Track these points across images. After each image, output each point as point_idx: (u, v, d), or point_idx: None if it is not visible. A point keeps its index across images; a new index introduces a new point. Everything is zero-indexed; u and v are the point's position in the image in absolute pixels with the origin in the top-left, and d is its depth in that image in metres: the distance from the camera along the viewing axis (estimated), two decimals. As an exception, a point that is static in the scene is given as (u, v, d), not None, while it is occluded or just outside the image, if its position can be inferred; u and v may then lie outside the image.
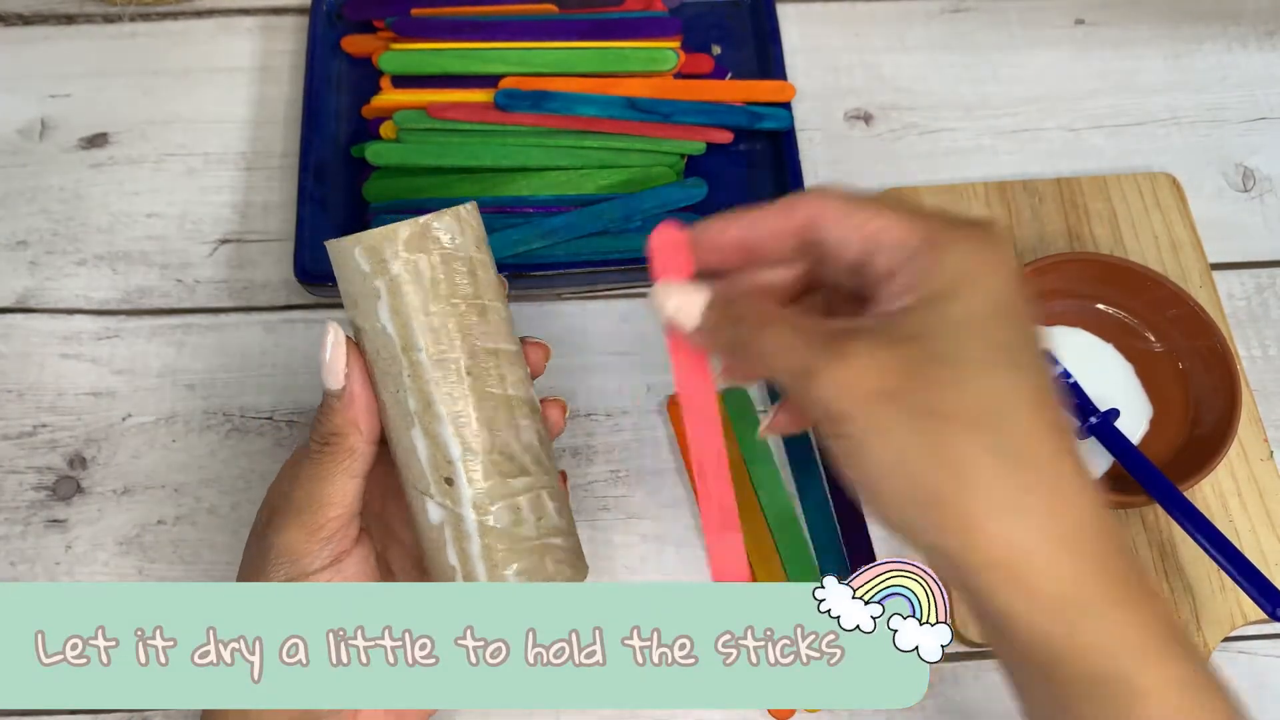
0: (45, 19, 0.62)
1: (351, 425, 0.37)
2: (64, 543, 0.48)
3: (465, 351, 0.36)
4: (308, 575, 0.36)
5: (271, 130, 0.59)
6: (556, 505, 0.38)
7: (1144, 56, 0.62)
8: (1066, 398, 0.49)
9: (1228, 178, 0.58)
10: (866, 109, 0.60)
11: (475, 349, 0.36)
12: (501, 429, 0.37)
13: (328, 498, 0.37)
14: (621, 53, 0.57)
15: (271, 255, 0.55)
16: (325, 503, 0.37)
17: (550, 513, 0.38)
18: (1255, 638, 0.47)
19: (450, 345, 0.36)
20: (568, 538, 0.38)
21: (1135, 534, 0.48)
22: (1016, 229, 0.55)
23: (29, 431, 0.51)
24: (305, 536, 0.36)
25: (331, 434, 0.37)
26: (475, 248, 0.38)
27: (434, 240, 0.36)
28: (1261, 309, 0.55)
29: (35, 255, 0.55)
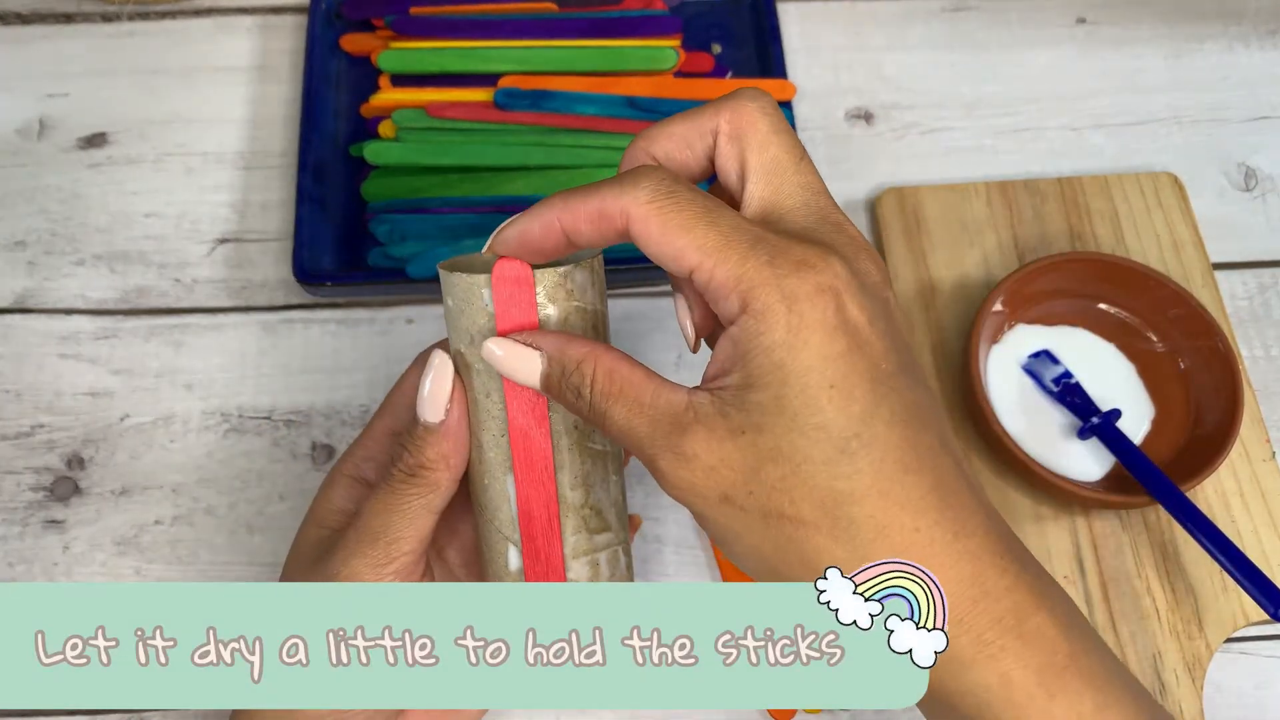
0: (44, 18, 0.62)
1: (443, 461, 0.35)
2: (62, 543, 0.48)
3: None
4: None
5: (270, 129, 0.59)
6: (627, 560, 0.38)
7: (1145, 55, 0.62)
8: (1068, 397, 0.49)
9: (1229, 177, 0.58)
10: (867, 108, 0.60)
11: None
12: (596, 485, 0.36)
13: (403, 532, 0.35)
14: (621, 51, 0.57)
15: (270, 255, 0.55)
16: (399, 537, 0.35)
17: (622, 568, 0.37)
18: (1258, 638, 0.47)
19: None
20: None
21: (1136, 534, 0.48)
22: (1018, 228, 0.55)
23: (27, 432, 0.51)
24: (372, 570, 0.35)
25: (420, 466, 0.35)
26: (600, 300, 0.36)
27: (567, 291, 0.34)
28: (1264, 309, 0.55)
29: (34, 255, 0.55)
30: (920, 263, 0.54)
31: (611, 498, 0.37)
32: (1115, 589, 0.47)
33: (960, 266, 0.54)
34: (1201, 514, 0.44)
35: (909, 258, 0.54)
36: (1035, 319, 0.51)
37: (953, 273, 0.54)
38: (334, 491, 0.39)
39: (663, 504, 0.49)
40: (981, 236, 0.55)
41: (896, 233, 0.55)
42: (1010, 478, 0.49)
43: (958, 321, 0.52)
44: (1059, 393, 0.49)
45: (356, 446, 0.40)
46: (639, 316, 0.54)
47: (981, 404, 0.47)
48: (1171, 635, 0.46)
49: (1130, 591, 0.47)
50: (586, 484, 0.36)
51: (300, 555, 0.38)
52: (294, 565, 0.38)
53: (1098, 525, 0.48)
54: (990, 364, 0.50)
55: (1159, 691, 0.45)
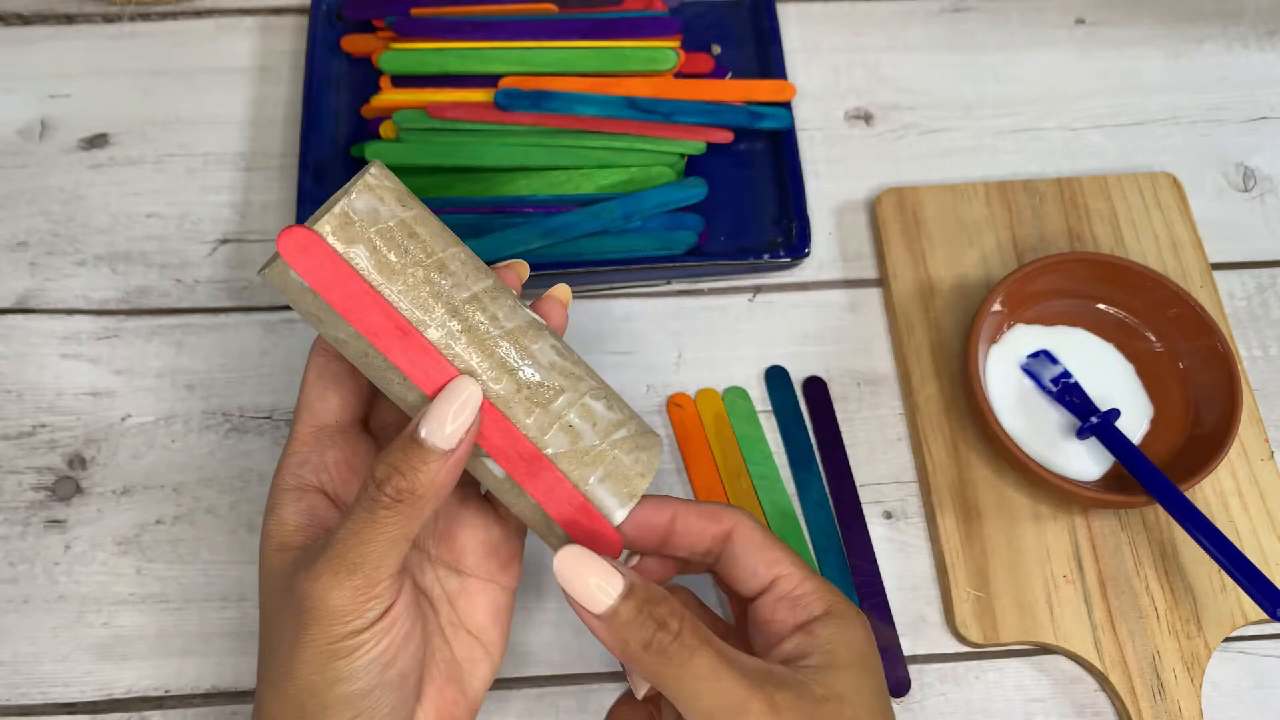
0: (45, 19, 0.62)
1: (437, 489, 0.33)
2: (63, 543, 0.48)
3: (448, 314, 0.34)
4: (357, 634, 0.33)
5: (271, 130, 0.59)
6: (604, 402, 0.37)
7: (1144, 56, 0.62)
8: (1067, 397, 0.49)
9: (1228, 177, 0.58)
10: (866, 108, 0.60)
11: (455, 306, 0.34)
12: (517, 367, 0.35)
13: (385, 559, 0.33)
14: (621, 52, 0.57)
15: (270, 255, 0.55)
16: (381, 564, 0.33)
17: (600, 412, 0.36)
18: (1256, 638, 0.47)
19: (429, 316, 0.34)
20: (627, 423, 0.37)
21: (1135, 534, 0.48)
22: (1016, 228, 0.55)
23: (28, 431, 0.51)
24: (355, 603, 0.33)
25: (411, 492, 0.33)
26: (401, 206, 0.34)
27: (358, 224, 0.33)
28: (1262, 309, 0.55)
29: (35, 256, 0.55)
30: (919, 263, 0.54)
31: (544, 363, 0.36)
32: (1114, 588, 0.47)
33: (959, 266, 0.54)
34: (1200, 513, 0.44)
35: (908, 258, 0.54)
36: (1034, 319, 0.51)
37: (952, 273, 0.54)
38: (283, 511, 0.36)
39: (662, 504, 0.49)
40: (980, 236, 0.55)
41: (896, 233, 0.55)
42: (1009, 477, 0.49)
43: (957, 321, 0.53)
44: (1058, 392, 0.49)
45: (288, 456, 0.37)
46: (639, 316, 0.54)
47: (980, 404, 0.47)
48: (1170, 634, 0.46)
49: (1129, 591, 0.47)
50: (507, 370, 0.35)
51: (273, 585, 0.36)
52: (270, 595, 0.36)
53: (1096, 524, 0.48)
54: (989, 364, 0.50)
55: (1158, 691, 0.45)
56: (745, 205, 0.56)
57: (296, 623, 0.33)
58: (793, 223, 0.54)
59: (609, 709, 0.42)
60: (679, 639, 0.33)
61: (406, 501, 0.33)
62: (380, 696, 0.34)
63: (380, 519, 0.33)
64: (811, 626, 0.37)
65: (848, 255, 0.56)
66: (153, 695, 0.46)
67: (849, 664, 0.36)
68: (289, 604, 0.34)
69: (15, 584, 0.48)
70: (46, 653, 0.46)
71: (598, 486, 0.36)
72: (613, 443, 0.36)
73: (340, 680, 0.33)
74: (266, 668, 0.35)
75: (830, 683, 0.35)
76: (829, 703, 0.35)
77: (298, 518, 0.36)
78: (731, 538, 0.38)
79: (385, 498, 0.33)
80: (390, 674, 0.35)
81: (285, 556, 0.35)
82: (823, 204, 0.57)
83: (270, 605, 0.36)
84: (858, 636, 0.37)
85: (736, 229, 0.55)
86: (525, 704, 0.46)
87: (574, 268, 0.52)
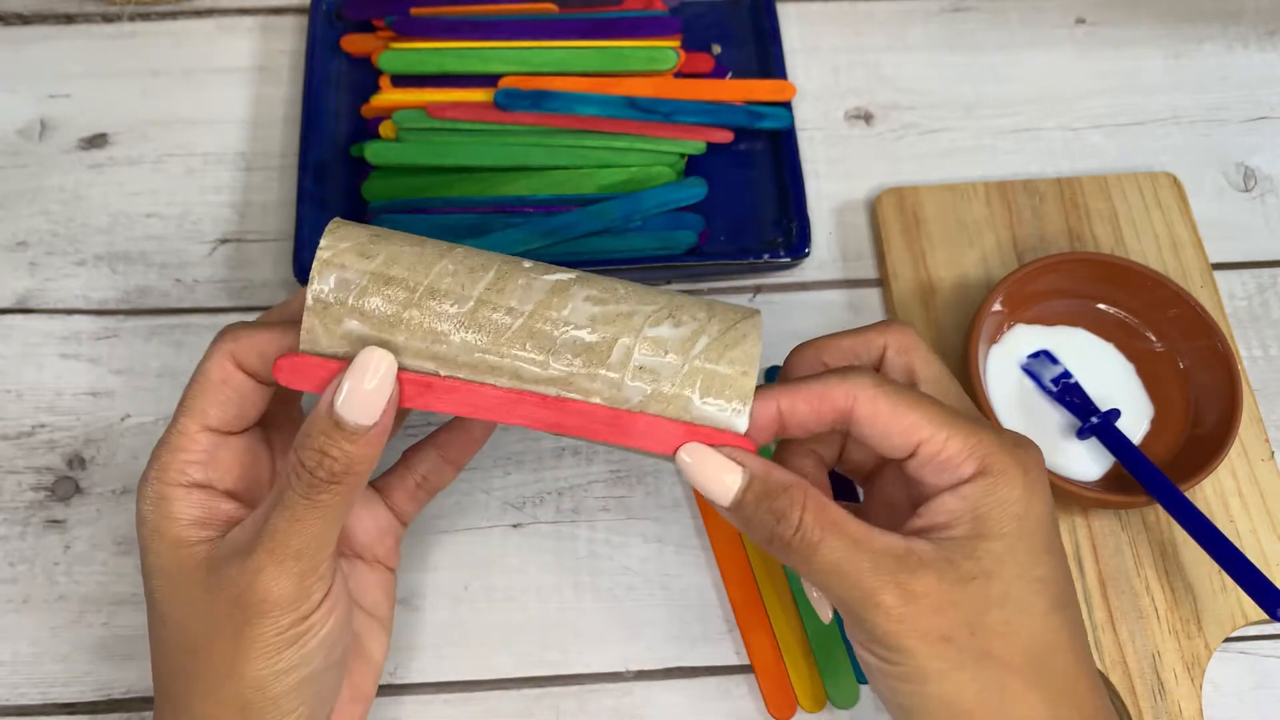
0: (44, 18, 0.62)
1: (368, 462, 0.33)
2: (63, 543, 0.48)
3: (462, 329, 0.33)
4: (305, 619, 0.33)
5: (271, 130, 0.59)
6: (669, 322, 0.34)
7: (1144, 56, 0.62)
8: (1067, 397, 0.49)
9: (1228, 177, 0.58)
10: (866, 108, 0.60)
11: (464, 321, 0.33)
12: (554, 343, 0.33)
13: (325, 539, 0.33)
14: (621, 52, 0.57)
15: (270, 255, 0.55)
16: (323, 545, 0.33)
17: (668, 336, 0.34)
18: (1257, 638, 0.47)
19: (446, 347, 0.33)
20: (706, 328, 0.34)
21: (1136, 534, 0.48)
22: (1017, 228, 0.55)
23: (28, 431, 0.51)
24: (302, 582, 0.33)
25: (345, 473, 0.33)
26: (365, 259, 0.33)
27: (335, 304, 0.33)
28: (1262, 309, 0.55)
29: (35, 256, 0.55)
30: (919, 263, 0.54)
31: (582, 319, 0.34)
32: (1114, 588, 0.47)
33: (959, 266, 0.54)
34: (1200, 514, 0.44)
35: (908, 258, 0.54)
36: (1034, 319, 0.51)
37: (952, 273, 0.54)
38: (173, 507, 0.34)
39: (662, 504, 0.49)
40: (980, 236, 0.55)
41: (896, 233, 0.55)
42: (1009, 477, 0.49)
43: (957, 321, 0.53)
44: (1058, 393, 0.49)
45: (176, 452, 0.35)
46: (639, 316, 0.54)
47: (981, 404, 0.47)
48: (1170, 634, 0.46)
49: (1129, 591, 0.47)
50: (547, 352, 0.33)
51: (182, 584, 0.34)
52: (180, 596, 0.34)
53: (1097, 524, 0.48)
54: (989, 364, 0.50)
55: (1158, 691, 0.45)
56: (745, 205, 0.56)
57: (236, 619, 0.33)
58: (793, 223, 0.54)
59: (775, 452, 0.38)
60: (800, 532, 0.32)
61: (341, 481, 0.33)
62: (329, 676, 0.35)
63: (318, 503, 0.32)
64: (961, 489, 0.33)
65: (848, 255, 0.56)
66: (152, 695, 0.46)
67: (1000, 532, 0.32)
68: (215, 602, 0.33)
69: (15, 584, 0.48)
70: (46, 653, 0.46)
71: (701, 408, 0.34)
72: (697, 357, 0.34)
73: (293, 669, 0.33)
74: (191, 674, 0.34)
75: (979, 556, 0.32)
76: (975, 580, 0.32)
77: (192, 511, 0.35)
78: (855, 415, 0.34)
79: (320, 481, 0.32)
80: (336, 652, 0.35)
81: (188, 553, 0.34)
82: (823, 204, 0.57)
83: (184, 607, 0.34)
84: (1013, 495, 0.33)
85: (736, 229, 0.55)
86: (525, 704, 0.46)
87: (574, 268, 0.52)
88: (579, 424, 0.34)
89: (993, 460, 0.33)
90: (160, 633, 0.35)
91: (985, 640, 0.32)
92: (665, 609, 0.47)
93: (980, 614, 0.32)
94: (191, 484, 0.35)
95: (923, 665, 0.32)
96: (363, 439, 0.32)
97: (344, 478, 0.33)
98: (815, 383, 0.34)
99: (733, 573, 0.47)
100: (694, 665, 0.46)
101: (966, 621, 0.32)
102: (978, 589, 0.32)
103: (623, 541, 0.49)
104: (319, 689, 0.35)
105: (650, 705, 0.46)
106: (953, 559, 0.32)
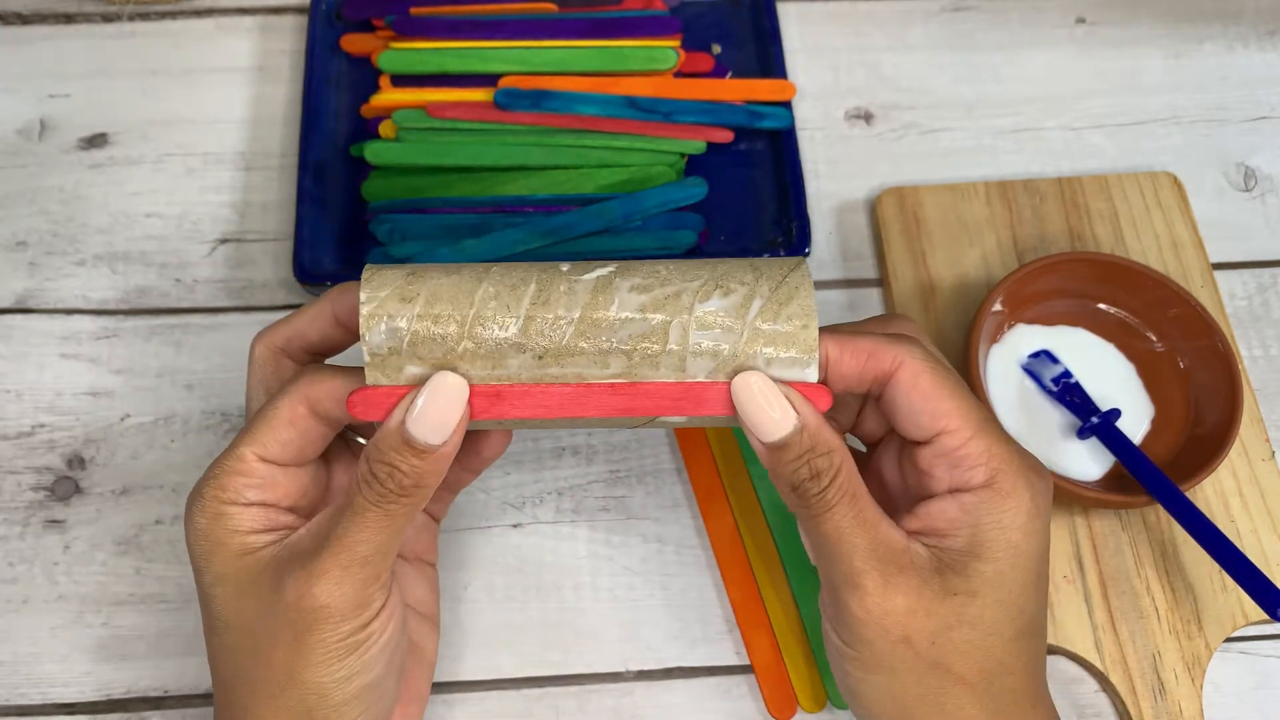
0: (44, 18, 0.62)
1: (439, 477, 0.34)
2: (62, 543, 0.48)
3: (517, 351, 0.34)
4: (366, 626, 0.34)
5: (270, 130, 0.59)
6: (718, 294, 0.34)
7: (1145, 56, 0.62)
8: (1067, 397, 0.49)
9: (1229, 177, 0.58)
10: (867, 108, 0.60)
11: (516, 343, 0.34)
12: (610, 341, 0.33)
13: (391, 548, 0.34)
14: (621, 51, 0.57)
15: (270, 255, 0.55)
16: (387, 553, 0.34)
17: (719, 306, 0.33)
18: (1257, 638, 0.47)
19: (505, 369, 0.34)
20: (757, 289, 0.34)
21: (1136, 534, 0.48)
22: (1017, 228, 0.55)
23: (27, 432, 0.51)
24: (363, 590, 0.34)
25: (415, 486, 0.33)
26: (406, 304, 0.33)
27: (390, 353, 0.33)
28: (1263, 308, 0.55)
29: (35, 256, 0.55)
30: (920, 263, 0.54)
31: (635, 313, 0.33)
32: (1114, 588, 0.47)
33: (960, 266, 0.54)
34: (1200, 513, 0.44)
35: (908, 258, 0.54)
36: (1035, 319, 0.51)
37: (952, 273, 0.54)
38: (234, 520, 0.35)
39: (662, 504, 0.49)
40: (981, 236, 0.55)
41: (896, 233, 0.55)
42: (1010, 477, 0.49)
43: (957, 321, 0.53)
44: (1058, 392, 0.49)
45: (233, 475, 0.35)
46: (639, 316, 0.54)
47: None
48: (1171, 635, 0.46)
49: (1130, 591, 0.47)
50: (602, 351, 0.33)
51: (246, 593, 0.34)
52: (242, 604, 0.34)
53: (1097, 525, 0.48)
54: (990, 364, 0.50)
55: (1159, 691, 0.45)
56: (745, 205, 0.56)
57: (297, 625, 0.33)
58: (793, 222, 0.54)
59: None
60: (822, 495, 0.32)
61: (409, 494, 0.33)
62: (389, 680, 0.35)
63: (388, 512, 0.33)
64: (964, 497, 0.33)
65: (848, 255, 0.56)
66: (152, 695, 0.46)
67: (994, 556, 0.32)
68: (277, 608, 0.33)
69: (14, 584, 0.48)
70: (46, 653, 0.46)
71: (769, 368, 0.33)
72: (754, 321, 0.34)
73: (354, 675, 0.34)
74: (253, 680, 0.34)
75: (969, 575, 0.32)
76: (956, 597, 0.32)
77: (253, 523, 0.35)
78: (895, 379, 0.33)
79: (390, 494, 0.33)
80: (396, 656, 0.36)
81: (252, 559, 0.35)
82: (823, 204, 0.57)
83: (246, 613, 0.34)
84: (1015, 520, 0.32)
85: (736, 229, 0.55)
86: (525, 704, 0.46)
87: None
88: (651, 405, 0.34)
89: (1004, 477, 0.32)
90: (223, 639, 0.35)
91: (944, 652, 0.33)
92: (665, 609, 0.47)
93: (948, 629, 0.32)
94: (249, 503, 0.35)
95: (877, 658, 0.33)
96: (432, 456, 0.33)
97: (413, 491, 0.33)
98: (866, 339, 0.34)
99: (733, 573, 0.47)
100: (694, 665, 0.46)
101: (932, 632, 0.32)
102: (955, 605, 0.32)
103: (623, 541, 0.49)
104: (379, 695, 0.35)
105: (650, 705, 0.46)
106: (942, 572, 0.33)
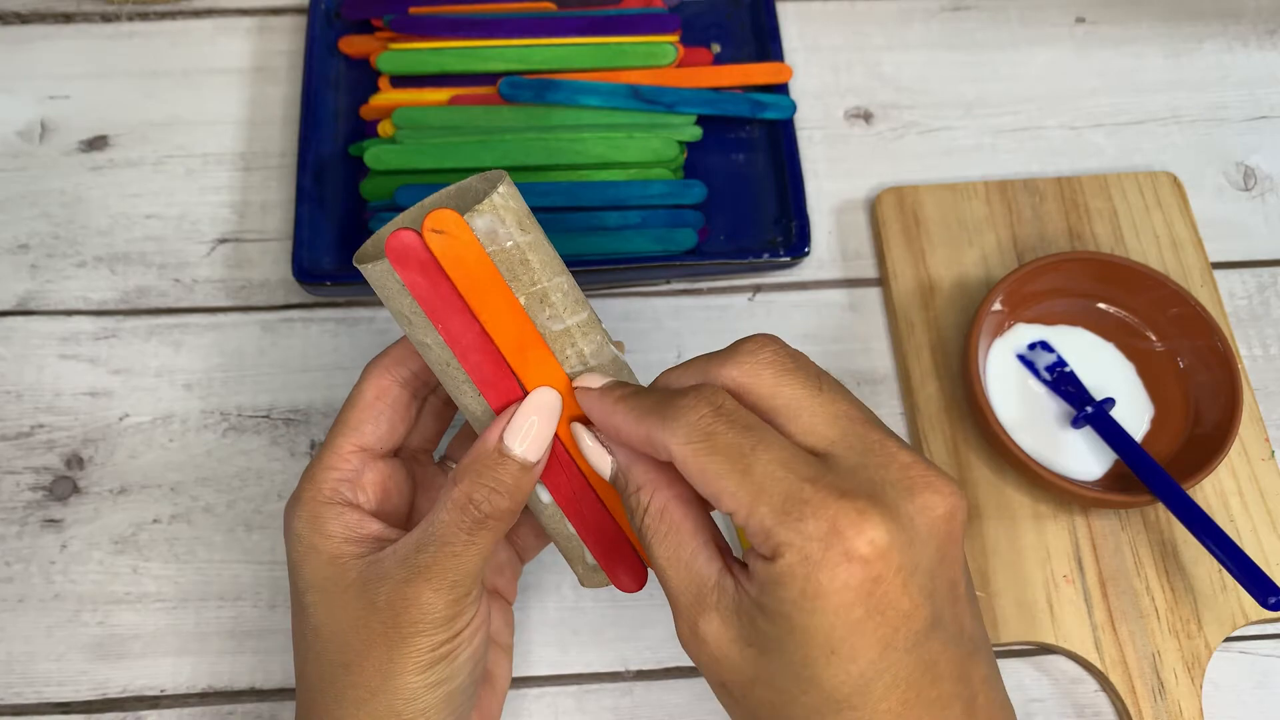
0: (43, 17, 0.62)
1: (526, 498, 0.35)
2: (59, 542, 0.48)
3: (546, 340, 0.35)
4: (456, 636, 0.35)
5: (270, 130, 0.59)
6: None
7: (1144, 55, 0.62)
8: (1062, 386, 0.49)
9: (1229, 176, 0.58)
10: (866, 107, 0.60)
11: (547, 338, 0.35)
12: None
13: (479, 566, 0.35)
14: (620, 48, 0.57)
15: (269, 255, 0.55)
16: (477, 572, 0.35)
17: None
18: (1257, 638, 0.47)
19: None
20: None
21: (1136, 534, 0.48)
22: (1017, 228, 0.55)
23: (26, 432, 0.51)
24: (456, 604, 0.35)
25: (507, 510, 0.34)
26: (520, 230, 0.34)
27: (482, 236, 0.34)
28: (1263, 308, 0.55)
29: (36, 258, 0.55)
30: (919, 262, 0.54)
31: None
32: (1114, 588, 0.47)
33: (959, 266, 0.54)
34: (1194, 504, 0.44)
35: (908, 257, 0.54)
36: (1034, 318, 0.51)
37: (952, 272, 0.54)
38: (330, 525, 0.36)
39: (661, 503, 0.49)
40: (981, 236, 0.55)
41: (895, 232, 0.55)
42: (1009, 476, 0.49)
43: (957, 321, 0.52)
44: (1053, 381, 0.49)
45: (329, 470, 0.37)
46: (638, 316, 0.54)
47: (981, 404, 0.47)
48: (1170, 634, 0.46)
49: (1129, 590, 0.47)
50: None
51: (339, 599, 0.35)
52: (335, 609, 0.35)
53: (1097, 524, 0.48)
54: (989, 364, 0.50)
55: (1158, 691, 0.45)
56: (745, 205, 0.56)
57: (392, 636, 0.34)
58: (792, 222, 0.54)
59: None
60: (640, 529, 0.34)
61: (501, 518, 0.35)
62: (470, 690, 0.37)
63: (479, 535, 0.34)
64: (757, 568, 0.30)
65: (847, 254, 0.56)
66: (148, 695, 0.46)
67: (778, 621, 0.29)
68: (371, 618, 0.34)
69: (11, 583, 0.48)
70: (41, 652, 0.46)
71: None
72: None
73: (443, 681, 0.35)
74: (343, 685, 0.35)
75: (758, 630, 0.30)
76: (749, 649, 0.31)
77: (345, 530, 0.36)
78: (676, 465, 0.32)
79: (483, 516, 0.34)
80: (479, 668, 0.37)
81: (343, 569, 0.36)
82: (822, 203, 0.57)
83: (340, 621, 0.35)
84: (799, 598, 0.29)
85: (736, 228, 0.55)
86: (524, 704, 0.45)
87: (574, 267, 0.52)
88: None
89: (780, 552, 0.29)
90: (314, 646, 0.36)
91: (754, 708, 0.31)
92: (665, 609, 0.47)
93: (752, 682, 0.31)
94: (344, 503, 0.37)
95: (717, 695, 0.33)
96: (528, 475, 0.35)
97: (505, 514, 0.35)
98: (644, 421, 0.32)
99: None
100: (693, 665, 0.46)
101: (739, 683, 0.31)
102: (752, 657, 0.30)
103: (621, 541, 0.49)
104: (461, 703, 0.36)
105: (650, 705, 0.46)
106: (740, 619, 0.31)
